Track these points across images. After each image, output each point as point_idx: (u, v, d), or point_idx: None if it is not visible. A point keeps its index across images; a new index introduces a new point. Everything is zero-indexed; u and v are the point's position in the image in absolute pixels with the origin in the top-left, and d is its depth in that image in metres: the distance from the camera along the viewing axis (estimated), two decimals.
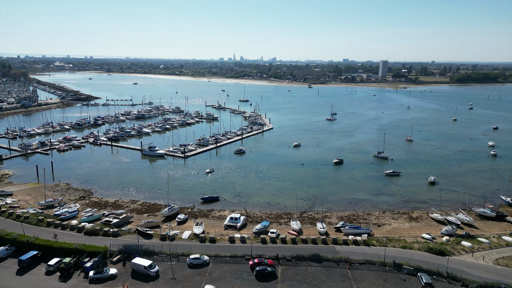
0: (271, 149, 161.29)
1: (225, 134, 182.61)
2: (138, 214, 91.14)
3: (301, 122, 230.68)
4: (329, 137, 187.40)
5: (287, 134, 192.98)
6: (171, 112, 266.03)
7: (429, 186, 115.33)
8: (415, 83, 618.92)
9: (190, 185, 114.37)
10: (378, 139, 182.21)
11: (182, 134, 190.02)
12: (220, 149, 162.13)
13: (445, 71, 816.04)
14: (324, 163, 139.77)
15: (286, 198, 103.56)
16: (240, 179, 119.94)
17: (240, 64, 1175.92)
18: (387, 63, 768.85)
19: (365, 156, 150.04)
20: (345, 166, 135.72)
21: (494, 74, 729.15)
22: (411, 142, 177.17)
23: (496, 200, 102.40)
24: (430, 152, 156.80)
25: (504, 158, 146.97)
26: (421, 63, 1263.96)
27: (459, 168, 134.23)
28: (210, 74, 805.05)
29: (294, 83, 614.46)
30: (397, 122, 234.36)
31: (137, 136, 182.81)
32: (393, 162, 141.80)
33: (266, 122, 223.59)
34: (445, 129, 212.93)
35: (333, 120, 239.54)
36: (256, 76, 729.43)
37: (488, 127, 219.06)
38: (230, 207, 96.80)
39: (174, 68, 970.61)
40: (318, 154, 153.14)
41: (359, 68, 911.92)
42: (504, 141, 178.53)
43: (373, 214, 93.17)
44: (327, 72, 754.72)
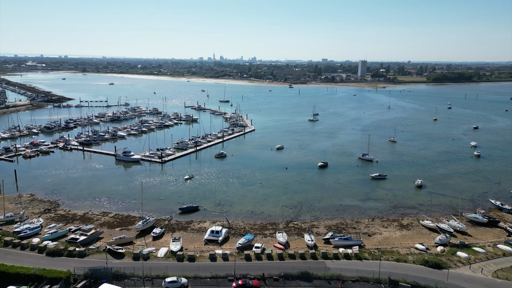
0: (253, 152, 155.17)
1: (205, 137, 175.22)
2: (110, 229, 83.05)
3: (283, 123, 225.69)
4: (312, 138, 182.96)
5: (269, 136, 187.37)
6: (148, 114, 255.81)
7: (416, 189, 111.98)
8: (394, 82, 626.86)
9: (167, 193, 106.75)
10: (362, 140, 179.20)
11: (159, 137, 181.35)
12: (200, 153, 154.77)
13: (422, 71, 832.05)
14: (309, 166, 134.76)
15: (271, 206, 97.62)
16: (222, 186, 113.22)
17: (220, 64, 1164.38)
18: (365, 63, 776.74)
19: (350, 159, 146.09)
20: (330, 170, 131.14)
21: (468, 73, 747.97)
22: (395, 143, 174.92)
23: (485, 204, 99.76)
24: (414, 153, 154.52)
25: (488, 159, 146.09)
26: (397, 63, 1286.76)
27: (445, 170, 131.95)
28: (189, 74, 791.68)
29: (275, 83, 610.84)
30: (379, 123, 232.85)
31: (112, 140, 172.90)
32: (378, 165, 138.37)
33: (248, 123, 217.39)
34: (426, 129, 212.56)
35: (316, 121, 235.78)
36: (237, 76, 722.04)
37: (468, 126, 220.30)
38: (211, 218, 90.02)
39: (152, 68, 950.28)
40: (302, 157, 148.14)
41: (338, 68, 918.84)
42: (486, 140, 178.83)
43: (362, 222, 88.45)
44: (307, 72, 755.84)
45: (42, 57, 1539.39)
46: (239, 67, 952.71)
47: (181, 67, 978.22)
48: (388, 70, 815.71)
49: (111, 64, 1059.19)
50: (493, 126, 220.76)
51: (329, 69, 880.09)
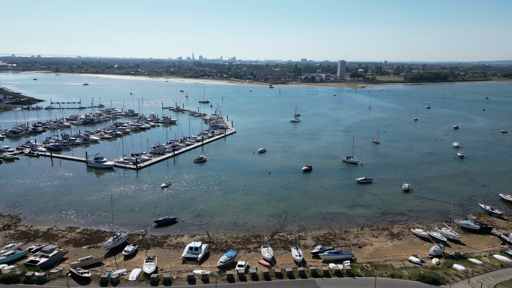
0: (234, 156, 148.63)
1: (184, 140, 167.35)
2: (76, 247, 74.79)
3: (265, 125, 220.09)
4: (295, 140, 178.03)
5: (251, 138, 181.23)
6: (124, 116, 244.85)
7: (403, 194, 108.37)
8: (373, 82, 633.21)
9: (142, 203, 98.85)
10: (345, 142, 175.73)
11: (135, 141, 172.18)
12: (178, 157, 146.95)
13: (399, 71, 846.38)
14: (292, 170, 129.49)
15: (254, 216, 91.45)
16: (201, 194, 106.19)
17: (199, 64, 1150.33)
18: (344, 63, 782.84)
19: (334, 162, 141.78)
20: (315, 174, 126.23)
21: (444, 73, 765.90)
22: (378, 144, 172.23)
23: (474, 208, 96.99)
24: (399, 155, 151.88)
25: (471, 160, 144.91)
26: (375, 62, 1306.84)
27: (430, 172, 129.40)
28: (167, 73, 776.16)
29: (255, 83, 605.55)
30: (361, 123, 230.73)
31: (83, 145, 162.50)
32: (363, 168, 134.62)
33: (228, 125, 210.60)
34: (408, 129, 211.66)
35: (298, 122, 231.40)
36: (216, 76, 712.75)
37: (448, 126, 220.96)
38: (189, 231, 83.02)
39: (130, 68, 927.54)
40: (285, 160, 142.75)
41: (317, 68, 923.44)
42: (467, 141, 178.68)
43: (351, 232, 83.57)
44: (287, 72, 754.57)
45: (13, 57, 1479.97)
46: (218, 67, 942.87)
47: (159, 67, 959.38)
48: (367, 70, 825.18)
49: (86, 64, 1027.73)
50: (473, 126, 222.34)
51: (309, 69, 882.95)
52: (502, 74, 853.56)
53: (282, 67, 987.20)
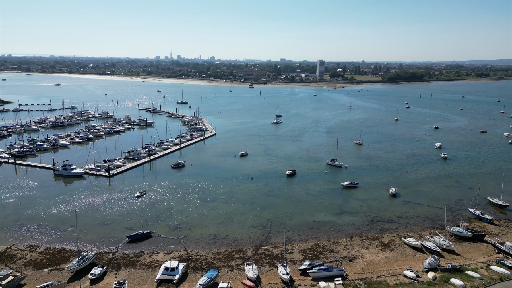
0: (214, 160, 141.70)
1: (161, 144, 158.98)
2: (36, 270, 66.42)
3: (246, 126, 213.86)
4: (277, 143, 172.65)
5: (231, 141, 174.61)
6: (97, 118, 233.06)
7: (391, 199, 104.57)
8: (352, 82, 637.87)
9: (114, 216, 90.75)
10: (328, 143, 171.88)
11: (109, 145, 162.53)
12: (155, 162, 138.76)
13: (377, 71, 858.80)
14: (276, 175, 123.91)
15: (237, 227, 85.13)
16: (179, 204, 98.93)
17: (177, 63, 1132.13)
18: (323, 62, 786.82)
19: (318, 165, 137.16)
20: (299, 178, 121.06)
21: (420, 73, 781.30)
22: (361, 145, 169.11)
23: (464, 213, 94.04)
24: (382, 157, 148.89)
25: (455, 161, 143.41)
26: (352, 62, 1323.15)
27: (416, 174, 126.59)
28: (145, 73, 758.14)
29: (235, 83, 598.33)
30: (342, 124, 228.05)
31: (52, 150, 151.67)
32: (348, 171, 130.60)
33: (208, 127, 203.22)
34: (389, 129, 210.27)
35: (279, 123, 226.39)
36: (195, 75, 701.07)
37: (429, 126, 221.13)
38: (165, 247, 75.86)
39: (105, 67, 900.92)
40: (268, 164, 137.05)
41: (297, 68, 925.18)
42: (449, 141, 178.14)
43: (340, 243, 78.56)
44: (267, 71, 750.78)
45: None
46: (197, 66, 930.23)
47: (136, 67, 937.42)
48: (345, 69, 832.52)
49: (59, 64, 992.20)
50: (453, 126, 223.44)
51: (288, 68, 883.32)
52: (475, 73, 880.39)
53: (262, 66, 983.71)
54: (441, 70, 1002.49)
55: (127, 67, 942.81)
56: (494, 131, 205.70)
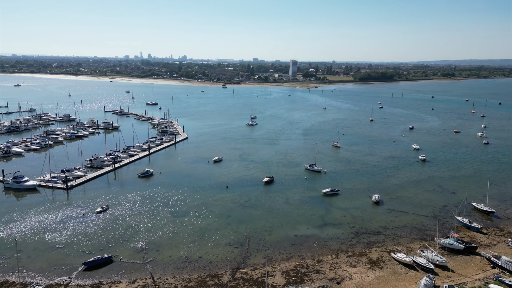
0: (186, 167, 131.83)
1: (127, 150, 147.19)
2: None
3: (219, 129, 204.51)
4: (252, 146, 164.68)
5: (204, 145, 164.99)
6: (59, 122, 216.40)
7: (374, 207, 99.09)
8: (324, 82, 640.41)
9: (70, 237, 79.60)
10: (305, 146, 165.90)
11: (70, 152, 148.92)
12: (120, 171, 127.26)
13: (348, 71, 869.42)
14: (252, 182, 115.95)
15: (211, 247, 76.35)
16: (146, 220, 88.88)
17: (147, 63, 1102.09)
18: (296, 62, 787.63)
19: (296, 170, 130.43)
20: (277, 186, 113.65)
21: (390, 73, 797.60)
22: (339, 148, 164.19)
23: (450, 221, 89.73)
24: (361, 160, 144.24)
25: (434, 163, 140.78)
26: (324, 62, 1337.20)
27: (397, 179, 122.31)
28: (113, 73, 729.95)
29: (207, 83, 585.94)
30: (318, 125, 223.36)
31: (3, 159, 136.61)
32: (327, 176, 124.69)
33: (179, 130, 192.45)
34: (365, 131, 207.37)
35: (254, 125, 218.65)
36: (166, 75, 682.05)
37: (404, 127, 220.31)
38: (129, 274, 66.05)
39: (71, 67, 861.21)
40: (244, 170, 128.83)
41: (269, 68, 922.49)
42: (425, 142, 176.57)
43: (325, 261, 71.57)
44: (240, 71, 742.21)
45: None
46: (168, 66, 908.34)
47: (104, 66, 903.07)
48: (317, 69, 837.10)
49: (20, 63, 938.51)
50: (427, 126, 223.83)
51: (261, 68, 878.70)
52: (441, 73, 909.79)
53: (235, 66, 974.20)
54: (409, 70, 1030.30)
55: (94, 66, 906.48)
56: (467, 131, 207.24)
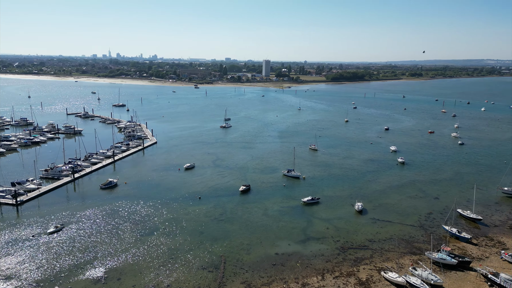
0: (155, 176, 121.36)
1: (89, 157, 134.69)
2: None
3: (191, 132, 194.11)
4: (227, 151, 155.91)
5: (175, 150, 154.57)
6: (14, 126, 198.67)
7: (357, 216, 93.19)
8: (298, 82, 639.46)
9: (13, 266, 68.03)
10: (282, 149, 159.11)
11: (25, 161, 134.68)
12: (81, 182, 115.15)
13: (320, 70, 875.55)
14: (228, 192, 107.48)
15: (182, 272, 67.28)
16: (107, 240, 78.47)
17: (116, 62, 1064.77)
18: (269, 62, 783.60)
19: (274, 176, 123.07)
20: (254, 195, 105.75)
21: (361, 72, 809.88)
22: (316, 151, 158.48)
23: (438, 231, 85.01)
24: (340, 164, 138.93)
25: (413, 166, 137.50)
26: (296, 62, 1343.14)
27: (378, 184, 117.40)
28: (78, 72, 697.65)
29: (179, 83, 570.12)
30: (294, 127, 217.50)
31: None
32: (306, 182, 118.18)
33: (148, 134, 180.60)
34: (342, 132, 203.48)
35: (228, 128, 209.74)
36: (135, 75, 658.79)
37: (379, 127, 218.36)
38: None
39: (33, 66, 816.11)
40: (218, 178, 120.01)
41: (242, 67, 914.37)
42: (402, 143, 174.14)
43: (311, 284, 64.35)
44: (213, 71, 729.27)
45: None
46: (138, 65, 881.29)
47: (69, 65, 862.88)
48: (290, 69, 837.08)
49: None
50: (402, 126, 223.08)
51: (234, 68, 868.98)
52: (409, 73, 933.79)
53: (207, 66, 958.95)
54: (378, 70, 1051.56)
55: (58, 65, 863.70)
56: (441, 131, 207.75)
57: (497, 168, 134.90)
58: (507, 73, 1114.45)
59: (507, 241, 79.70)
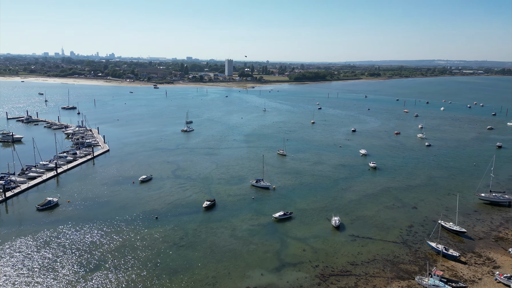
0: (105, 191, 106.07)
1: (26, 171, 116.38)
2: None
3: (149, 137, 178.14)
4: (189, 158, 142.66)
5: (130, 159, 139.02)
6: None
7: (335, 234, 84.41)
8: (261, 82, 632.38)
9: None
10: (249, 155, 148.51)
11: None
12: (15, 201, 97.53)
13: (283, 70, 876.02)
14: (190, 208, 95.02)
15: None
16: (40, 281, 63.54)
17: (69, 61, 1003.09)
18: (232, 62, 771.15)
19: (242, 187, 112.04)
20: (220, 212, 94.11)
21: (323, 72, 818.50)
22: (285, 157, 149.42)
23: (423, 248, 77.94)
24: (311, 171, 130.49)
25: (385, 171, 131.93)
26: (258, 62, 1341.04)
27: (352, 193, 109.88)
28: (26, 72, 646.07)
29: (137, 82, 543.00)
30: (260, 130, 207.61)
31: None
32: (277, 193, 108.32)
33: (100, 140, 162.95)
34: (309, 134, 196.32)
35: (190, 131, 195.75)
36: (90, 74, 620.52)
37: (346, 129, 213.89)
38: None
39: None
40: (179, 191, 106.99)
41: (204, 67, 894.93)
42: (370, 146, 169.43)
43: None
44: (173, 70, 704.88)
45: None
46: (93, 64, 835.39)
47: (16, 64, 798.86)
48: (253, 69, 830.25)
49: None
50: (368, 128, 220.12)
51: (196, 67, 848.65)
52: (368, 73, 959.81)
53: (168, 65, 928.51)
54: (338, 70, 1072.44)
55: (4, 64, 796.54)
56: (407, 132, 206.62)
57: (468, 171, 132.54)
58: (457, 73, 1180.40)
59: (496, 257, 74.01)
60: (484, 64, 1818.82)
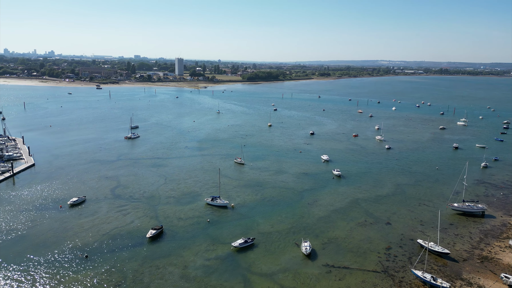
0: (23, 220, 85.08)
1: None
2: None
3: (86, 147, 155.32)
4: (132, 172, 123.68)
5: (60, 176, 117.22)
6: None
7: (307, 264, 72.12)
8: (213, 82, 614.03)
9: None
10: (203, 166, 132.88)
11: None
12: None
13: (235, 70, 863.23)
14: (130, 240, 77.81)
15: None
16: None
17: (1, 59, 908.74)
18: (182, 60, 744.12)
19: (195, 207, 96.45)
20: (168, 242, 78.01)
21: (275, 72, 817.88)
22: (243, 165, 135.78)
23: (407, 277, 67.92)
24: (272, 182, 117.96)
25: (350, 180, 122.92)
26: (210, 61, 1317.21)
27: (320, 209, 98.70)
28: None
29: (78, 82, 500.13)
30: (215, 134, 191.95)
31: None
32: (236, 212, 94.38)
33: (23, 153, 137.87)
34: (267, 139, 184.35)
35: (135, 138, 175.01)
36: (23, 74, 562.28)
37: (304, 132, 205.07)
38: None
39: None
40: (117, 217, 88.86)
41: (153, 66, 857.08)
42: (330, 150, 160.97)
43: None
44: (119, 69, 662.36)
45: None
46: (28, 62, 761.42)
47: None
48: (205, 68, 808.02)
49: None
50: (325, 130, 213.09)
51: (144, 66, 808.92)
52: (318, 73, 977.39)
53: (113, 63, 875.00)
54: (290, 69, 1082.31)
55: None
56: (364, 134, 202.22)
57: (432, 177, 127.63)
58: (400, 72, 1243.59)
59: (486, 283, 65.80)
60: (422, 64, 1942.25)
